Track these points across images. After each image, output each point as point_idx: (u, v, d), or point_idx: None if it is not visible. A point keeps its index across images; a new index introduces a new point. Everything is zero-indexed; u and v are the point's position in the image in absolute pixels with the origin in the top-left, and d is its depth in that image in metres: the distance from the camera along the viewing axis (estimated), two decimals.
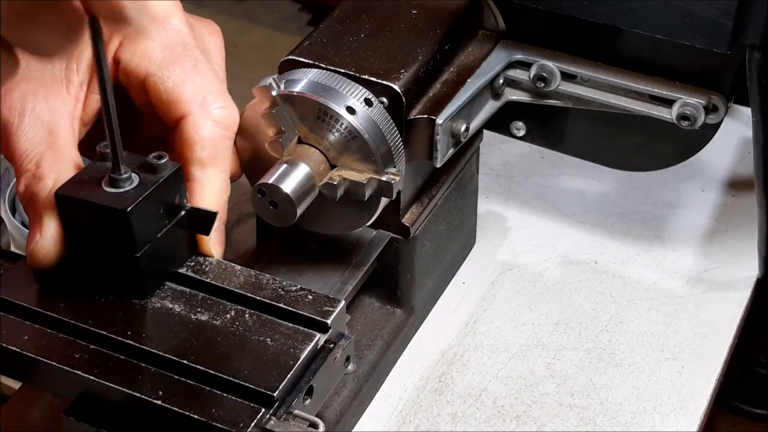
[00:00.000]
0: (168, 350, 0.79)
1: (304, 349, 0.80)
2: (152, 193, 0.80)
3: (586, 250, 1.17)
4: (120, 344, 0.80)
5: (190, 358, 0.79)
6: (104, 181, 0.80)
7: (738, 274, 1.14)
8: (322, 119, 0.89)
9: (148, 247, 0.81)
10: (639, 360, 1.05)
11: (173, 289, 0.85)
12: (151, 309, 0.83)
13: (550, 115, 1.08)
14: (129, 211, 0.78)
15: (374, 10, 1.00)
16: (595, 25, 0.97)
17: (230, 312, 0.83)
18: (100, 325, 0.81)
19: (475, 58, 1.01)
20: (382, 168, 0.89)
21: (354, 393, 0.97)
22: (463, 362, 1.05)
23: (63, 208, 0.81)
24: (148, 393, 0.77)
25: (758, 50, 0.93)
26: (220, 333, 0.81)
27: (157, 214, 0.81)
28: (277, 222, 0.89)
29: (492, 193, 1.23)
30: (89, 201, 0.79)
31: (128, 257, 0.80)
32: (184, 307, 0.83)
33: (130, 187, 0.80)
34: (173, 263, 0.85)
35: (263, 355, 0.79)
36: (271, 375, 0.78)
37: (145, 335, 0.81)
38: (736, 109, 1.24)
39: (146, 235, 0.81)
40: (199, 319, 0.82)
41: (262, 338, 0.81)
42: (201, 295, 0.84)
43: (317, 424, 0.77)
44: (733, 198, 1.24)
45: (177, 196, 0.83)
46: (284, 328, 0.82)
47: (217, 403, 0.76)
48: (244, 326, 0.82)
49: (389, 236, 0.99)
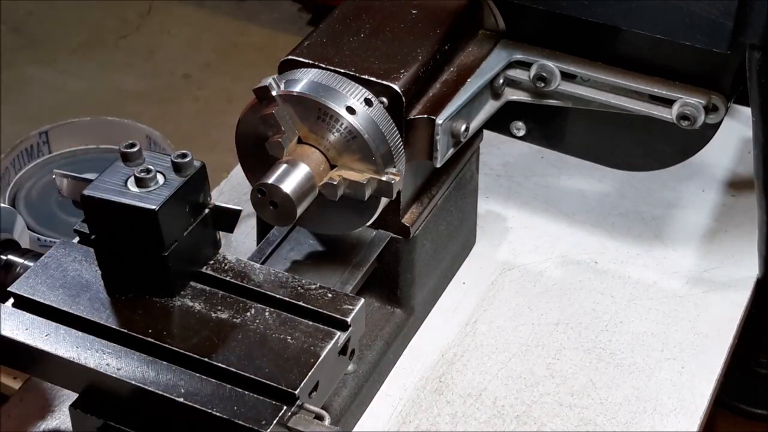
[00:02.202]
0: (189, 348, 0.80)
1: (324, 347, 0.81)
2: (178, 192, 0.81)
3: (586, 250, 1.17)
4: (142, 342, 0.81)
5: (211, 356, 0.79)
6: (130, 181, 0.81)
7: (738, 274, 1.14)
8: (322, 119, 0.89)
9: (175, 246, 0.82)
10: (639, 360, 1.05)
11: (193, 287, 0.85)
12: (172, 307, 0.84)
13: (550, 115, 1.08)
14: (157, 211, 0.79)
15: (374, 10, 1.00)
16: (595, 25, 0.97)
17: (250, 310, 0.84)
18: (122, 323, 0.82)
19: (475, 58, 1.01)
20: (382, 168, 0.89)
21: (354, 393, 0.97)
22: (463, 362, 1.05)
23: (90, 208, 0.82)
24: (170, 391, 0.77)
25: (758, 50, 0.93)
26: (241, 331, 0.82)
27: (183, 213, 0.82)
28: (277, 222, 0.89)
29: (492, 193, 1.23)
30: (117, 202, 0.80)
31: (156, 256, 0.81)
32: (204, 305, 0.84)
33: (155, 186, 0.81)
34: (198, 261, 0.86)
35: (284, 353, 0.80)
36: (291, 373, 0.78)
37: (167, 333, 0.81)
38: (736, 109, 1.24)
39: (173, 233, 0.82)
40: (219, 317, 0.83)
41: (283, 336, 0.81)
42: (221, 293, 0.85)
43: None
44: (733, 198, 1.24)
45: (201, 194, 0.84)
46: (304, 326, 0.83)
47: (239, 401, 0.77)
48: (264, 324, 0.82)
49: (389, 236, 0.99)
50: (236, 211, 0.85)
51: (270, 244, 1.00)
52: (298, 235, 1.01)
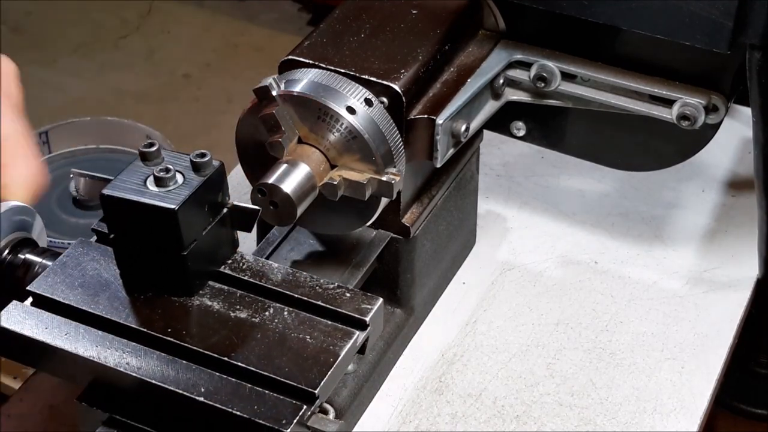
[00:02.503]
0: (208, 347, 0.80)
1: (343, 346, 0.81)
2: (197, 192, 0.81)
3: (586, 250, 1.17)
4: (161, 341, 0.81)
5: (231, 355, 0.80)
6: (149, 180, 0.81)
7: (738, 274, 1.14)
8: (322, 119, 0.89)
9: (194, 245, 0.82)
10: (639, 360, 1.05)
11: (211, 286, 0.86)
12: (190, 306, 0.84)
13: (550, 115, 1.08)
14: (177, 210, 0.79)
15: (374, 10, 1.00)
16: (595, 25, 0.97)
17: (269, 309, 0.84)
18: (141, 322, 0.82)
19: (475, 58, 1.01)
20: (382, 168, 0.89)
21: (354, 393, 0.97)
22: (463, 362, 1.05)
23: (109, 208, 0.82)
24: (190, 390, 0.78)
25: (758, 50, 0.93)
26: (260, 330, 0.82)
27: (202, 212, 0.83)
28: (277, 222, 0.89)
29: (492, 193, 1.23)
30: (136, 201, 0.80)
31: (175, 255, 0.81)
32: (223, 304, 0.84)
33: (175, 186, 0.81)
34: (216, 261, 0.86)
35: (303, 352, 0.80)
36: (311, 372, 0.79)
37: (186, 332, 0.82)
38: (736, 109, 1.24)
39: (192, 233, 0.82)
40: (238, 317, 0.83)
41: (302, 335, 0.82)
42: (239, 292, 0.85)
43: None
44: (733, 198, 1.24)
45: (220, 194, 0.84)
46: (323, 325, 0.83)
47: (259, 400, 0.77)
48: (283, 323, 0.83)
49: (389, 236, 0.99)
50: (254, 211, 0.85)
51: (270, 244, 1.00)
52: (298, 235, 1.01)
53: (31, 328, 0.82)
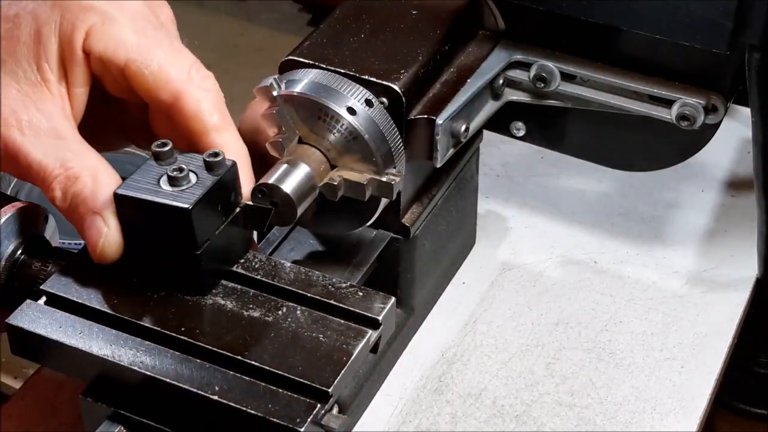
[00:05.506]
0: (222, 346, 0.81)
1: (356, 345, 0.81)
2: (211, 191, 0.81)
3: (586, 250, 1.17)
4: (174, 340, 0.81)
5: (244, 354, 0.80)
6: (162, 180, 0.81)
7: (738, 274, 1.14)
8: (322, 119, 0.89)
9: (207, 245, 0.82)
10: (639, 360, 1.05)
11: (224, 285, 0.86)
12: (203, 305, 0.84)
13: (550, 115, 1.08)
14: (191, 209, 0.79)
15: (374, 10, 1.00)
16: (595, 25, 0.97)
17: (282, 308, 0.84)
18: (154, 321, 0.82)
19: (475, 58, 1.01)
20: (382, 168, 0.89)
21: (354, 393, 0.97)
22: (463, 362, 1.05)
23: (122, 208, 0.82)
24: (204, 388, 0.78)
25: (758, 50, 0.93)
26: (273, 329, 0.82)
27: (215, 212, 0.83)
28: (277, 222, 0.89)
29: (492, 193, 1.23)
30: (150, 200, 0.80)
31: (189, 255, 0.82)
32: (236, 303, 0.84)
33: (188, 185, 0.81)
34: (229, 260, 0.86)
35: (316, 351, 0.80)
36: (324, 371, 0.79)
37: (199, 331, 0.82)
38: (736, 109, 1.24)
39: (206, 232, 0.82)
40: (251, 316, 0.83)
41: (315, 334, 0.82)
42: (252, 291, 0.85)
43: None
44: (733, 198, 1.24)
45: (233, 193, 0.84)
46: (336, 324, 0.83)
47: (273, 399, 0.77)
48: (296, 322, 0.83)
49: (389, 236, 0.99)
50: (267, 210, 0.85)
51: (270, 244, 1.00)
52: (298, 235, 1.01)
53: (45, 327, 0.82)
